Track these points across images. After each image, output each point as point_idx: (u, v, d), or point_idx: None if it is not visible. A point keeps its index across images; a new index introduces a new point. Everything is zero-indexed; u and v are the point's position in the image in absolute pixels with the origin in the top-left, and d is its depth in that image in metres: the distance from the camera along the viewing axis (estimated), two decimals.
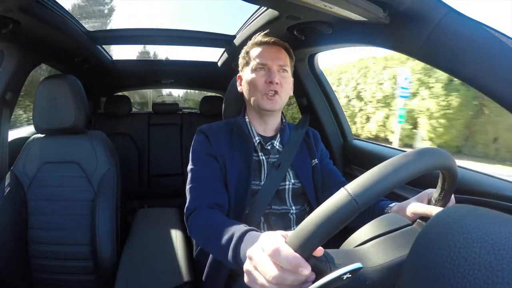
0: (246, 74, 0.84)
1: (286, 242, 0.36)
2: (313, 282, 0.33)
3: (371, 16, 0.69)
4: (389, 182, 0.34)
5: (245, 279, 0.39)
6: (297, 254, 0.34)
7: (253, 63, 0.82)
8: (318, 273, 0.35)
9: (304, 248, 0.34)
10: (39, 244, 1.09)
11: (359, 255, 0.38)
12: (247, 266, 0.39)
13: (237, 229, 0.58)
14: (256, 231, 0.57)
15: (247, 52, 0.86)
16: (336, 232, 0.33)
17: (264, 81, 0.79)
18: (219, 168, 0.80)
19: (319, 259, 0.36)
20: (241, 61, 0.88)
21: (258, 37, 0.84)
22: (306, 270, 0.34)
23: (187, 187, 0.79)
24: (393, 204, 0.68)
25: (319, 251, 0.35)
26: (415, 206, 0.54)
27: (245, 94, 0.85)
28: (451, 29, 0.58)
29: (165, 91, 7.49)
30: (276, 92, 0.79)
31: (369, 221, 0.44)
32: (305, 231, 0.34)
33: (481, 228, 0.29)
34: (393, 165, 0.35)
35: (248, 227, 0.58)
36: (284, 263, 0.34)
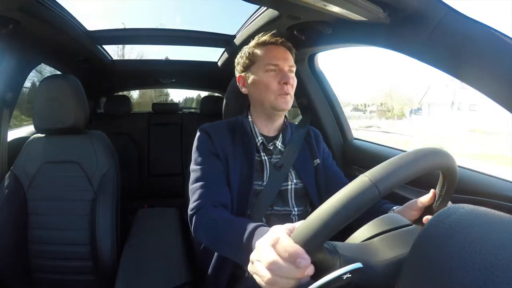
0: (254, 75, 0.82)
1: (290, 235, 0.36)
2: (317, 279, 0.33)
3: (371, 16, 0.69)
4: (410, 170, 0.35)
5: (249, 266, 0.41)
6: (296, 245, 0.34)
7: (262, 64, 0.80)
8: (327, 266, 0.35)
9: (311, 241, 0.34)
10: (39, 244, 1.09)
11: (368, 249, 0.38)
12: (252, 255, 0.41)
13: (247, 226, 0.57)
14: (265, 226, 0.56)
15: (251, 53, 0.83)
16: (349, 221, 0.33)
17: (278, 82, 0.78)
18: (222, 167, 0.79)
19: (329, 250, 0.35)
20: (243, 61, 0.85)
21: (265, 37, 0.83)
22: (304, 261, 0.33)
23: (190, 186, 0.77)
24: (396, 207, 0.68)
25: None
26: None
27: (254, 95, 0.84)
28: (451, 29, 0.58)
29: (167, 97, 7.49)
30: (288, 93, 0.79)
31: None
32: (313, 222, 0.34)
33: (481, 228, 0.29)
34: (411, 157, 0.36)
35: (257, 223, 0.57)
36: (281, 251, 0.35)
